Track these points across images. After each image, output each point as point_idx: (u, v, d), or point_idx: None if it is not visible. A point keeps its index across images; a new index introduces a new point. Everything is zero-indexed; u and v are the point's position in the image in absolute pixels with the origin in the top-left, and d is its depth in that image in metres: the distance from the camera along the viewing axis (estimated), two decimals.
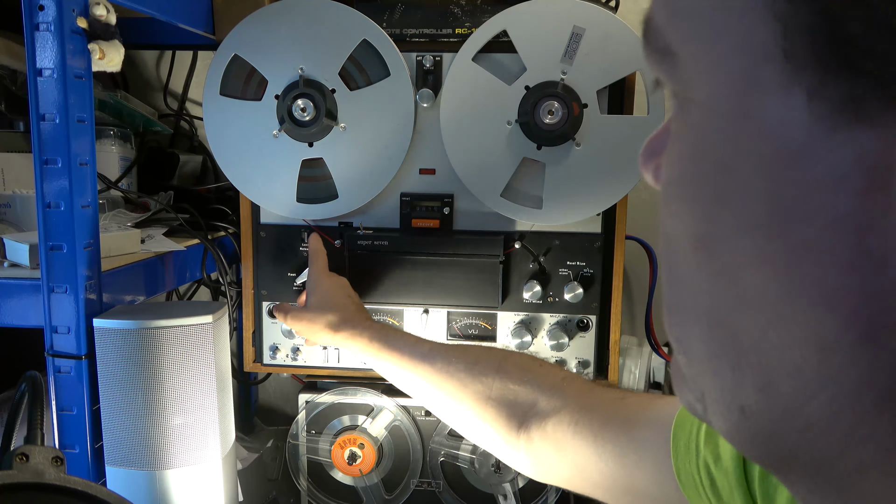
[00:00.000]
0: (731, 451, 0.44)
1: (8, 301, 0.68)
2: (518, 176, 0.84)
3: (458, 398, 0.67)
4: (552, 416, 0.60)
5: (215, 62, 0.84)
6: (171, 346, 0.68)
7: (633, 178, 0.82)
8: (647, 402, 0.56)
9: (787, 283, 0.21)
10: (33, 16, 0.62)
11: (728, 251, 0.23)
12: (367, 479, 0.94)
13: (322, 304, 0.79)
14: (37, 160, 0.64)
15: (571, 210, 0.84)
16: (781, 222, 0.21)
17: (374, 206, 0.89)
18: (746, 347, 0.23)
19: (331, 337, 0.77)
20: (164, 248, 0.84)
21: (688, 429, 0.48)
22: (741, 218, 0.22)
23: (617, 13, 0.86)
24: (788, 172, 0.21)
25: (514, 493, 0.93)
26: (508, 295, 0.89)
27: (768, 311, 0.22)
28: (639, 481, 0.53)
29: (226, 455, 0.74)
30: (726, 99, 0.22)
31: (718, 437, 0.46)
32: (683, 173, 0.24)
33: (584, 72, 0.80)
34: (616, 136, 0.81)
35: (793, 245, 0.21)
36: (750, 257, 0.22)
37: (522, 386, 0.64)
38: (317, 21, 0.82)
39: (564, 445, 0.59)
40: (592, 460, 0.57)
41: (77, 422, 0.69)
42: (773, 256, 0.21)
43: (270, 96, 0.84)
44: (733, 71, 0.22)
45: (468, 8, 0.85)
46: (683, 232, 0.24)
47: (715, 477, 0.46)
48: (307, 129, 0.83)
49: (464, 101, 0.83)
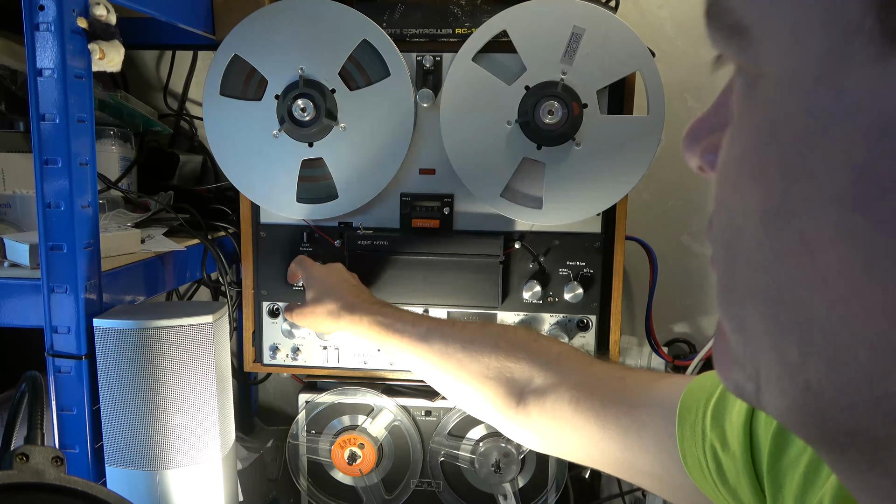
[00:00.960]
0: (738, 435, 0.45)
1: (8, 301, 0.68)
2: (518, 176, 0.84)
3: (458, 377, 0.68)
4: (550, 392, 0.61)
5: (215, 62, 0.84)
6: (171, 346, 0.68)
7: (634, 178, 0.82)
8: (649, 383, 0.56)
9: (868, 257, 0.21)
10: (33, 16, 0.62)
11: (802, 226, 0.22)
12: (367, 479, 0.94)
13: (319, 295, 0.79)
14: (37, 160, 0.64)
15: (572, 210, 0.84)
16: (867, 195, 0.21)
17: (374, 206, 0.89)
18: (816, 323, 0.23)
19: (334, 325, 0.78)
20: (164, 248, 0.84)
21: (693, 412, 0.49)
22: (820, 192, 0.22)
23: (617, 13, 0.86)
24: (880, 145, 0.20)
25: (514, 493, 0.93)
26: (508, 295, 0.89)
27: (843, 285, 0.22)
28: (640, 461, 0.54)
29: (226, 455, 0.74)
30: (810, 73, 0.22)
31: (725, 422, 0.46)
32: (753, 149, 0.24)
33: (583, 72, 0.80)
34: (616, 135, 0.81)
35: (878, 217, 0.21)
36: (826, 231, 0.22)
37: (518, 363, 0.65)
38: (317, 21, 0.82)
39: (564, 423, 0.59)
40: (594, 439, 0.57)
41: (77, 422, 0.69)
42: (853, 230, 0.21)
43: (270, 96, 0.84)
44: (820, 45, 0.21)
45: (468, 8, 0.85)
46: (750, 208, 0.24)
47: (722, 461, 0.46)
48: (307, 129, 0.83)
49: (464, 102, 0.83)
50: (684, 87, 1.15)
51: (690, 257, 1.20)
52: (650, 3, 1.14)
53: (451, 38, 0.85)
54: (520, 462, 0.92)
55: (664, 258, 1.15)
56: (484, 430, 0.93)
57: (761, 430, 0.44)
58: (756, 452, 0.44)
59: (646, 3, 1.14)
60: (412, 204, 0.88)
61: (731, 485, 0.45)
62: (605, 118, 0.82)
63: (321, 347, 0.93)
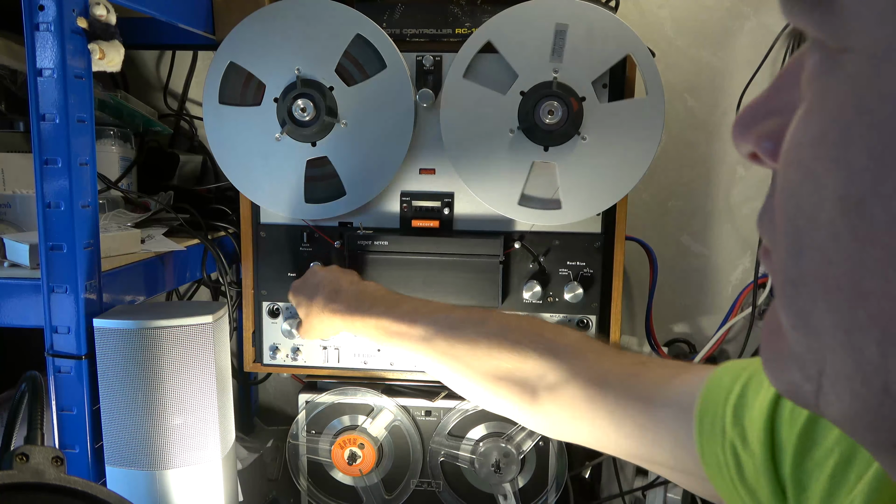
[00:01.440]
0: (759, 435, 0.44)
1: (8, 301, 0.68)
2: (532, 181, 0.84)
3: (467, 377, 0.66)
4: (563, 388, 0.60)
5: (212, 70, 0.84)
6: (171, 346, 0.68)
7: (647, 158, 0.81)
8: (667, 378, 0.55)
9: None
10: (33, 16, 0.62)
11: (890, 212, 0.21)
12: (367, 479, 0.94)
13: (320, 304, 0.78)
14: (37, 160, 0.64)
15: (592, 201, 0.84)
16: None
17: (374, 206, 0.89)
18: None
19: (344, 328, 0.77)
20: (164, 248, 0.84)
21: (713, 409, 0.48)
22: None
23: (617, 13, 0.86)
24: None
25: (514, 493, 0.93)
26: (508, 295, 0.89)
27: None
28: (657, 454, 0.53)
29: (226, 455, 0.74)
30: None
31: (745, 420, 0.45)
32: (835, 130, 0.22)
33: (575, 66, 0.80)
34: (620, 121, 0.81)
35: None
36: None
37: (527, 360, 0.62)
38: (309, 20, 0.82)
39: (580, 417, 0.58)
40: (610, 431, 0.56)
41: (77, 422, 0.69)
42: None
43: (269, 100, 0.84)
44: None
45: (468, 8, 0.85)
46: (826, 195, 0.22)
47: (742, 459, 0.45)
48: (309, 128, 0.83)
49: (464, 119, 0.83)
50: (684, 87, 1.15)
51: (690, 257, 1.20)
52: (650, 3, 1.14)
53: (451, 38, 0.85)
54: (520, 462, 0.92)
55: (664, 258, 1.15)
56: (484, 430, 0.93)
57: (784, 430, 0.43)
58: (778, 452, 0.43)
59: (646, 3, 1.14)
60: (412, 204, 0.88)
61: (749, 484, 0.45)
62: (605, 107, 0.81)
63: (321, 347, 0.93)
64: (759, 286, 1.04)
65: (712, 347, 1.08)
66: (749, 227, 1.17)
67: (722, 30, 1.14)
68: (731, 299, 1.15)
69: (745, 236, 1.18)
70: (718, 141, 1.16)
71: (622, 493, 1.05)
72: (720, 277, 1.20)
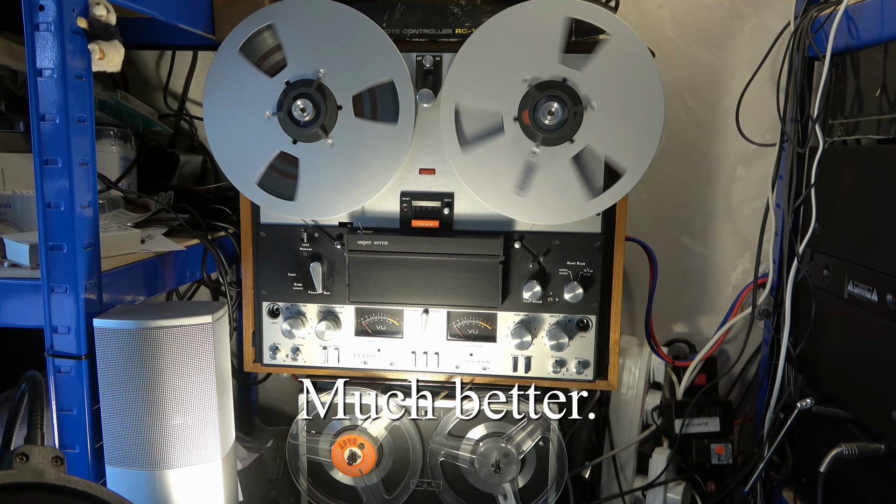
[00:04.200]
0: None
1: (8, 301, 0.68)
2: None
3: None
4: None
5: (248, 21, 0.82)
6: (171, 346, 0.68)
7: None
8: None
9: None
10: (33, 16, 0.62)
11: None
12: (367, 479, 0.94)
13: None
14: (37, 160, 0.64)
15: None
16: None
17: (374, 206, 0.89)
18: None
19: None
20: (164, 248, 0.84)
21: None
22: None
23: (617, 13, 0.86)
24: None
25: (513, 493, 0.93)
26: (508, 295, 0.89)
27: None
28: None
29: (226, 455, 0.74)
30: None
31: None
32: None
33: None
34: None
35: None
36: None
37: None
38: (359, 40, 0.82)
39: None
40: None
41: (77, 422, 0.69)
42: None
43: (282, 80, 0.83)
44: None
45: (468, 8, 0.85)
46: None
47: None
48: (298, 127, 0.83)
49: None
50: (684, 87, 1.15)
51: (690, 257, 1.20)
52: (650, 3, 1.14)
53: (451, 38, 0.85)
54: (520, 462, 0.92)
55: (664, 258, 1.15)
56: (484, 430, 0.93)
57: None
58: None
59: (646, 3, 1.14)
60: (412, 204, 0.88)
61: None
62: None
63: (321, 347, 0.93)
64: (759, 286, 1.04)
65: (712, 347, 1.08)
66: (749, 226, 1.18)
67: (722, 30, 1.14)
68: (730, 299, 1.15)
69: (744, 236, 1.18)
70: (718, 141, 1.16)
71: (622, 493, 1.05)
72: (720, 277, 1.20)
